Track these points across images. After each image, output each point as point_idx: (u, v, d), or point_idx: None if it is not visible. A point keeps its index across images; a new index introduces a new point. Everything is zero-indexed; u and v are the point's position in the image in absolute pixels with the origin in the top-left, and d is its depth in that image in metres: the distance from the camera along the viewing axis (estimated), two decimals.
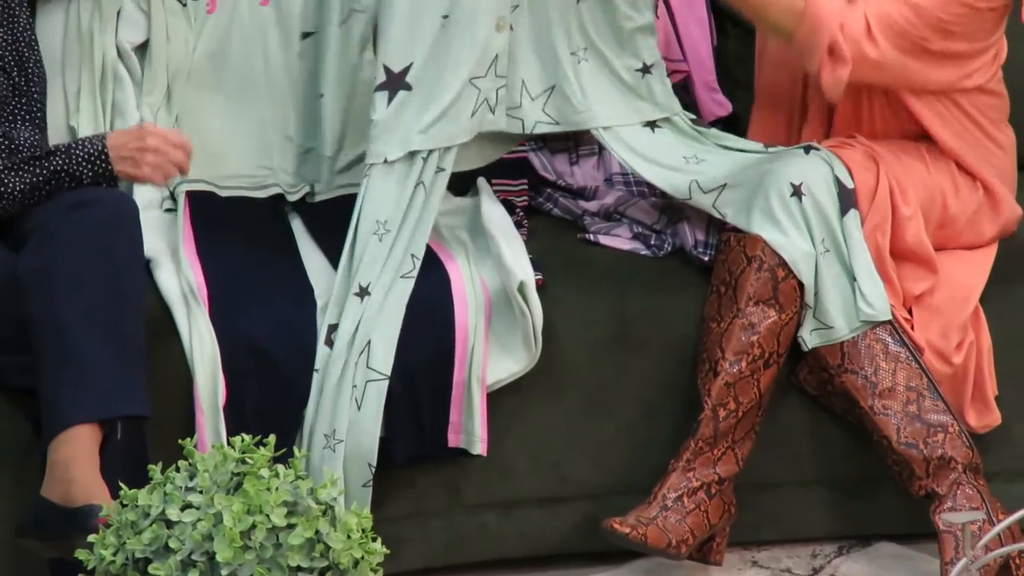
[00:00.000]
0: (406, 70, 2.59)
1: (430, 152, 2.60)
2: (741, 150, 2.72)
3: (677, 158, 2.70)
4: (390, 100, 2.59)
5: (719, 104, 3.02)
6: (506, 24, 2.62)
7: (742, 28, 3.05)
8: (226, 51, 2.92)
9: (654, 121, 2.71)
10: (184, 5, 2.91)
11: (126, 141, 2.48)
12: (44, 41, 2.84)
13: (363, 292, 2.52)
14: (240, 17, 2.93)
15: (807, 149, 2.62)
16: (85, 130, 2.81)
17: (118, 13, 2.88)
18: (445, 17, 2.58)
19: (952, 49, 2.60)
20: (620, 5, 2.66)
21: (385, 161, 2.59)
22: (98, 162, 2.46)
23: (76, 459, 2.25)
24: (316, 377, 2.52)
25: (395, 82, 2.59)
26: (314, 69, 2.90)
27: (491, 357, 2.59)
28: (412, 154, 2.60)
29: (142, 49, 2.90)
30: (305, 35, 2.89)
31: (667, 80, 2.72)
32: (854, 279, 2.57)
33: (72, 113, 2.83)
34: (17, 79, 2.72)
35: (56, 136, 2.80)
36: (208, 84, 2.90)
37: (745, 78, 3.00)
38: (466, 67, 2.59)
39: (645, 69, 2.69)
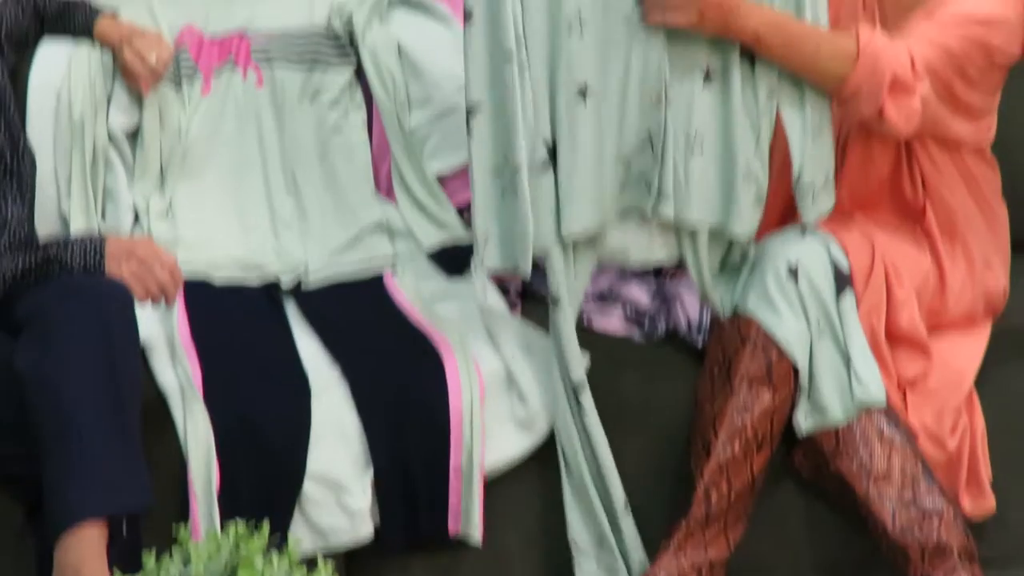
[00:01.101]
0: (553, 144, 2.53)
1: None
2: None
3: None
4: (554, 175, 2.53)
5: None
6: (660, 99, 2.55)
7: None
8: (220, 133, 2.95)
9: None
10: (178, 88, 2.94)
11: (120, 243, 2.49)
12: (36, 125, 2.86)
13: None
14: (235, 99, 2.97)
15: (803, 230, 2.64)
16: (76, 215, 2.83)
17: (110, 98, 2.91)
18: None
19: (970, 100, 2.64)
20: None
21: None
22: (91, 255, 2.47)
23: (86, 561, 2.24)
24: None
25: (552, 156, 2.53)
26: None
27: (489, 441, 2.59)
28: None
29: (134, 134, 2.92)
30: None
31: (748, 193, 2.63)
32: (849, 362, 2.58)
33: (63, 198, 2.86)
34: (9, 161, 2.74)
35: (47, 221, 2.82)
36: (202, 167, 2.93)
37: None
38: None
39: (743, 177, 2.61)
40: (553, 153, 2.52)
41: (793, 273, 2.58)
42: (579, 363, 2.60)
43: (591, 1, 2.49)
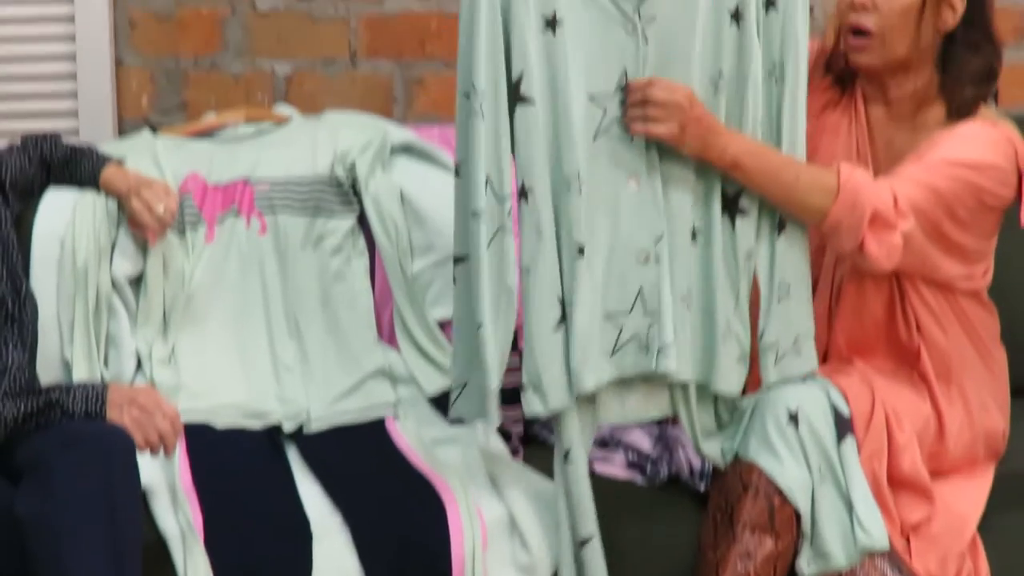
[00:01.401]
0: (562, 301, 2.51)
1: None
2: None
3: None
4: (565, 333, 2.50)
5: None
6: (650, 258, 2.56)
7: None
8: (223, 280, 2.97)
9: None
10: (182, 235, 2.96)
11: (122, 391, 2.50)
12: (39, 272, 2.89)
13: None
14: (238, 245, 2.99)
15: (804, 377, 2.65)
16: (79, 361, 2.84)
17: (114, 245, 2.93)
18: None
19: (962, 241, 2.65)
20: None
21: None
22: (93, 402, 2.48)
23: None
24: None
25: (564, 313, 2.50)
26: None
27: None
28: None
29: (138, 280, 2.94)
30: None
31: (735, 352, 2.62)
32: (851, 507, 2.57)
33: (66, 344, 2.87)
34: (11, 308, 2.75)
35: (49, 367, 2.83)
36: (205, 314, 2.94)
37: None
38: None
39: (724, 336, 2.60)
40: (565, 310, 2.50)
41: (794, 419, 2.58)
42: (591, 519, 2.57)
43: (587, 160, 2.50)
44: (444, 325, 2.97)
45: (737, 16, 2.51)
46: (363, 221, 3.05)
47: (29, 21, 3.38)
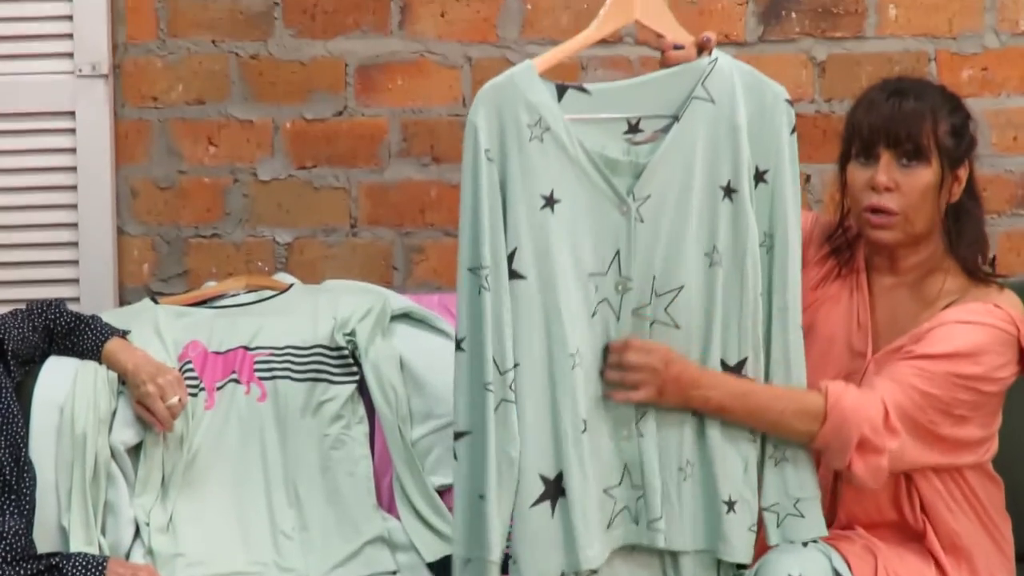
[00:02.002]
0: (559, 477, 2.51)
1: None
2: None
3: None
4: (554, 510, 2.50)
5: None
6: (631, 434, 2.57)
7: None
8: (223, 447, 2.97)
9: None
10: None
11: (122, 566, 2.51)
12: (38, 439, 2.89)
13: None
14: (238, 412, 3.00)
15: (805, 542, 2.64)
16: (76, 529, 2.83)
17: (113, 414, 2.94)
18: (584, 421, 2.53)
19: (962, 436, 2.64)
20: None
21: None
22: (92, 571, 2.47)
23: None
24: None
25: (554, 490, 2.50)
26: None
27: None
28: None
29: (137, 448, 2.94)
30: None
31: (747, 520, 2.60)
32: None
33: (64, 512, 2.86)
34: (9, 476, 2.76)
35: (46, 535, 2.82)
36: (204, 481, 2.94)
37: None
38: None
39: (730, 504, 2.60)
40: (557, 487, 2.50)
41: None
42: None
43: (587, 336, 2.52)
44: (444, 492, 2.97)
45: (729, 191, 2.54)
46: (363, 388, 3.06)
47: (32, 189, 3.43)
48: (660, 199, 2.52)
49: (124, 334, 3.00)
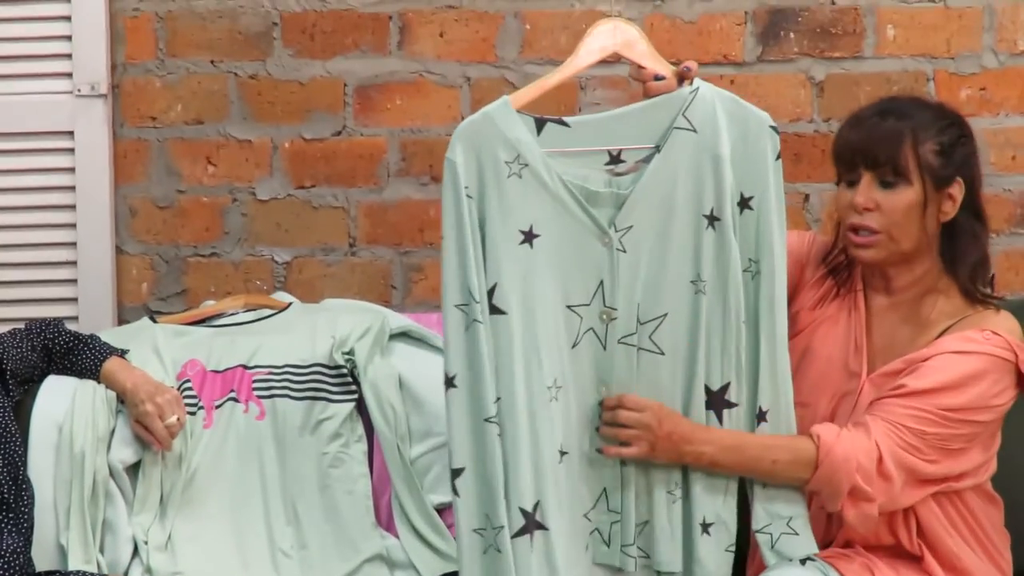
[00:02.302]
0: (536, 507, 2.53)
1: None
2: None
3: None
4: (532, 543, 2.52)
5: None
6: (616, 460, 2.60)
7: None
8: (221, 466, 2.98)
9: None
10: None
11: None
12: (36, 457, 2.90)
13: None
14: (236, 431, 3.01)
15: (803, 560, 2.64)
16: (75, 547, 2.84)
17: (112, 433, 2.94)
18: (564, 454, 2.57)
19: (961, 468, 2.64)
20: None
21: None
22: None
23: None
24: None
25: (532, 523, 2.52)
26: None
27: None
28: None
29: (135, 467, 2.95)
30: None
31: (724, 540, 2.63)
32: None
33: (62, 530, 2.86)
34: (7, 495, 2.76)
35: (45, 553, 2.83)
36: (202, 499, 2.94)
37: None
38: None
39: (704, 528, 2.63)
40: (534, 519, 2.52)
41: None
42: None
43: (569, 366, 2.55)
44: (442, 510, 2.97)
45: (713, 219, 2.56)
46: (361, 406, 3.07)
47: (31, 208, 3.44)
48: (642, 229, 2.55)
49: (123, 353, 3.01)
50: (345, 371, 3.07)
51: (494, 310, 2.50)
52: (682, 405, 2.60)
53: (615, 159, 2.56)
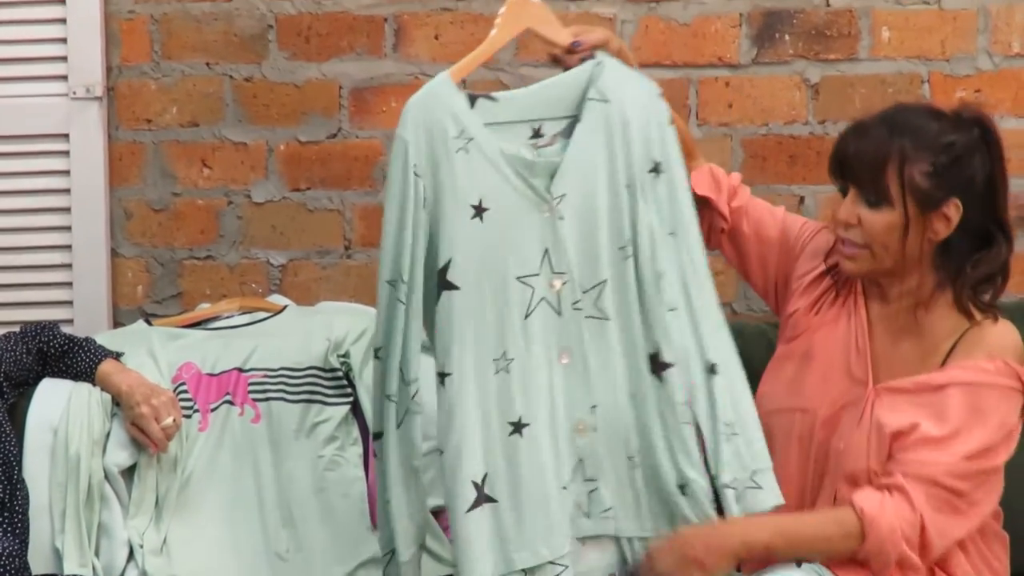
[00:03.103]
0: (484, 479, 2.56)
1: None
2: None
3: None
4: (481, 514, 2.55)
5: None
6: (586, 428, 2.63)
7: None
8: (217, 468, 2.99)
9: None
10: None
11: None
12: (32, 460, 2.92)
13: None
14: (232, 434, 3.02)
15: (799, 562, 2.64)
16: (70, 551, 2.85)
17: (107, 435, 2.96)
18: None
19: (991, 501, 2.66)
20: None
21: None
22: None
23: None
24: None
25: (482, 496, 2.55)
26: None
27: None
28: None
29: (131, 470, 2.96)
30: None
31: (701, 496, 2.64)
32: None
33: (57, 533, 2.87)
34: (2, 497, 2.78)
35: (40, 556, 2.84)
36: (198, 502, 2.95)
37: None
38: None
39: (681, 490, 2.65)
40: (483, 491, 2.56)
41: None
42: None
43: (520, 339, 2.58)
44: (438, 513, 2.98)
45: (630, 186, 2.62)
46: (357, 409, 3.08)
47: (26, 211, 3.45)
48: (574, 197, 2.60)
49: (117, 356, 3.02)
50: (340, 374, 3.08)
51: (448, 285, 2.55)
52: (628, 368, 2.61)
53: (536, 134, 2.63)
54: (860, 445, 2.64)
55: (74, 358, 2.99)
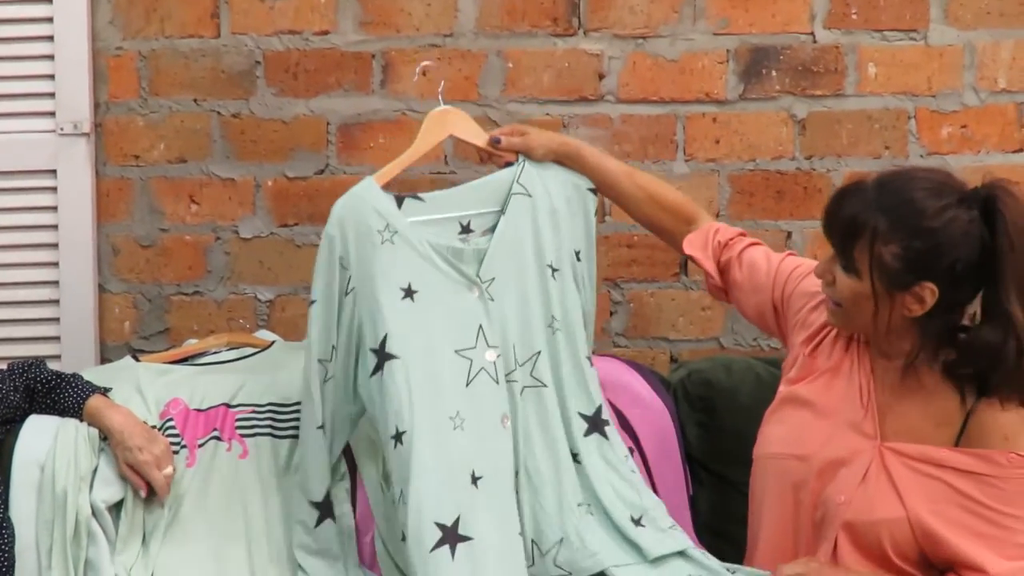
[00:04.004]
0: (456, 522, 2.71)
1: None
2: None
3: None
4: (454, 554, 2.68)
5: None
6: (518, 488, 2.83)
7: (715, 476, 3.18)
8: (204, 503, 2.99)
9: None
10: None
11: None
12: (18, 497, 2.92)
13: None
14: (219, 470, 3.03)
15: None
16: None
17: (94, 472, 2.96)
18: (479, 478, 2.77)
19: None
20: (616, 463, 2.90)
21: None
22: None
23: None
24: None
25: (452, 536, 2.69)
26: None
27: None
28: None
29: (118, 507, 2.96)
30: None
31: (664, 523, 2.84)
32: None
33: (44, 571, 2.87)
34: None
35: None
36: (185, 539, 2.95)
37: (719, 527, 3.10)
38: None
39: (636, 522, 2.83)
40: (455, 532, 2.70)
41: None
42: None
43: (465, 403, 2.79)
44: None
45: (554, 270, 2.93)
46: (345, 449, 3.08)
47: (14, 247, 3.48)
48: (503, 280, 2.90)
49: (105, 391, 3.03)
50: None
51: (389, 356, 2.79)
52: (565, 431, 2.86)
53: (465, 229, 2.93)
54: (863, 499, 2.64)
55: (61, 394, 2.99)
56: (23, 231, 3.47)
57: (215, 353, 3.26)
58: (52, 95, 3.46)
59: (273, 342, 3.30)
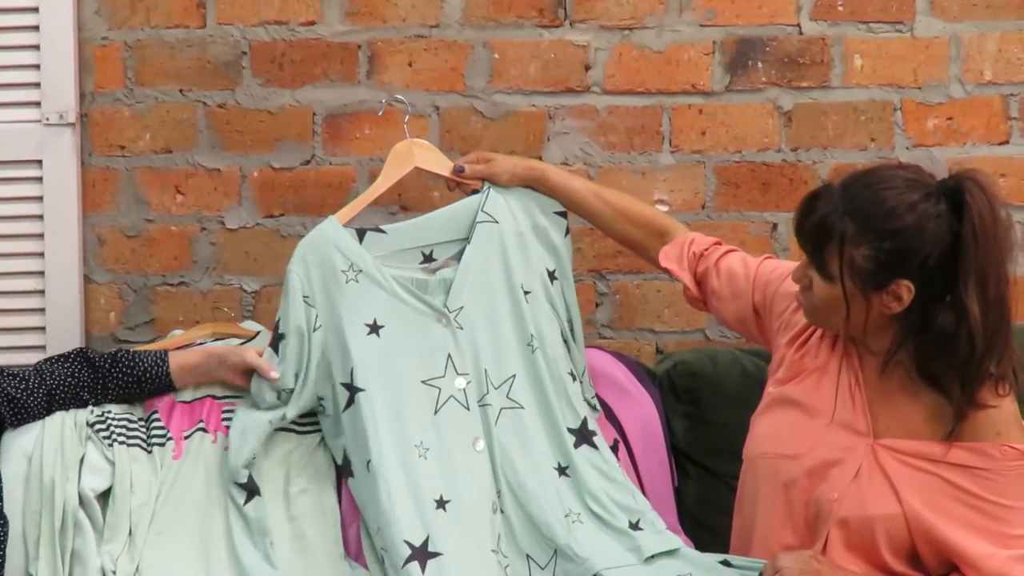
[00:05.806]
0: (425, 541, 2.82)
1: None
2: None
3: None
4: (424, 568, 2.78)
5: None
6: (496, 508, 2.90)
7: (701, 467, 3.22)
8: (190, 495, 3.01)
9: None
10: (149, 452, 3.02)
11: None
12: (6, 489, 2.93)
13: None
14: (205, 461, 3.04)
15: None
16: None
17: (81, 460, 2.97)
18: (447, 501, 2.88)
19: None
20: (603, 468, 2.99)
21: None
22: None
23: None
24: None
25: (422, 554, 2.80)
26: None
27: None
28: None
29: (105, 496, 2.99)
30: None
31: (660, 525, 2.93)
32: None
33: (31, 560, 2.88)
34: None
35: None
36: (171, 530, 2.96)
37: (704, 518, 3.14)
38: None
39: (634, 526, 2.90)
40: (424, 550, 2.80)
41: None
42: None
43: (432, 431, 2.92)
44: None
45: (526, 292, 3.03)
46: None
47: None
48: (472, 307, 3.00)
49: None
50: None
51: (356, 389, 2.92)
52: (552, 448, 2.94)
53: (428, 258, 3.04)
54: (856, 496, 2.66)
55: (132, 365, 3.01)
56: (8, 221, 3.49)
57: (200, 344, 3.28)
58: (38, 85, 3.47)
59: (259, 332, 3.32)
